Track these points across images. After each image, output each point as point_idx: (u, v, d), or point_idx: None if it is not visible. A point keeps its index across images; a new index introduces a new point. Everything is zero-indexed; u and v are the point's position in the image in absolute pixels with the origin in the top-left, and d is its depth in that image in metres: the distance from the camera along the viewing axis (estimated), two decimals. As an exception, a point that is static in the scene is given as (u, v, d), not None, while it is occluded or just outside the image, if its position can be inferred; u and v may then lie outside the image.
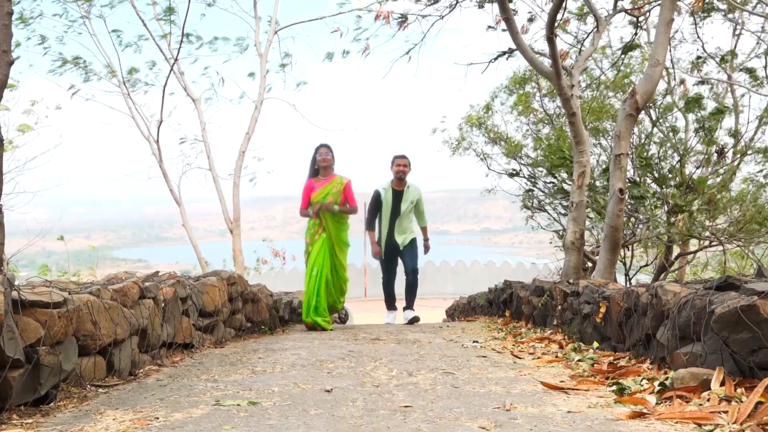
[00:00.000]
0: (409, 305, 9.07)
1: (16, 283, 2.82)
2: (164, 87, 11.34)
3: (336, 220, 7.73)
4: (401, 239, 9.02)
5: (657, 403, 2.76)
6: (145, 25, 12.09)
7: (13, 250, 9.15)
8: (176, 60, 11.66)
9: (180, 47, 11.28)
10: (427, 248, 9.61)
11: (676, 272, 10.30)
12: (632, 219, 8.56)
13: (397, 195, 9.00)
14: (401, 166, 8.90)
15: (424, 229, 9.44)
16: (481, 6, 8.85)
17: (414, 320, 8.81)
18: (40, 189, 11.47)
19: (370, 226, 9.18)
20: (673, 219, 7.91)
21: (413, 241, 9.15)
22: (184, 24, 11.51)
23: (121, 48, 12.14)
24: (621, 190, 6.05)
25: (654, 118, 9.15)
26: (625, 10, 8.29)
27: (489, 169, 11.79)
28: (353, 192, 7.91)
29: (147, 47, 11.85)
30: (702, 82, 8.61)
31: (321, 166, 7.77)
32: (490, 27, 8.90)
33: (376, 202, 9.04)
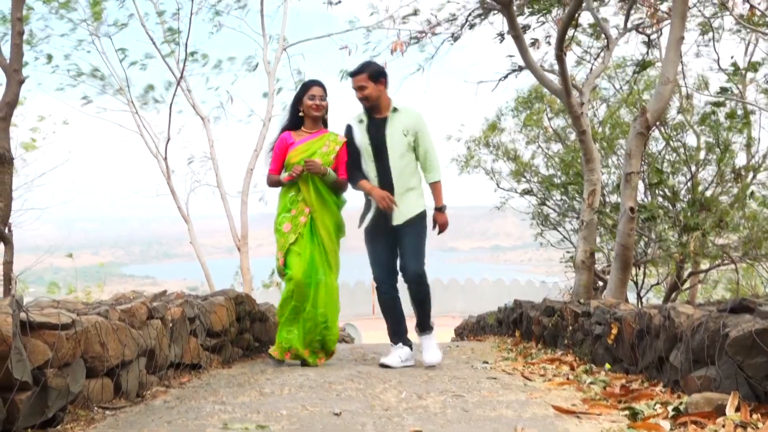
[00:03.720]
0: (421, 324, 5.50)
1: (24, 303, 2.81)
2: (171, 104, 11.41)
3: (326, 193, 5.39)
4: (399, 209, 5.30)
5: (671, 429, 2.71)
6: (153, 43, 12.17)
7: (22, 266, 9.19)
8: (181, 77, 11.73)
9: (184, 65, 11.36)
10: (442, 224, 5.54)
11: (688, 291, 10.23)
12: (643, 237, 8.51)
13: (379, 127, 5.38)
14: (356, 89, 5.38)
15: (434, 189, 5.50)
16: (490, 22, 8.85)
17: (432, 361, 5.32)
18: (49, 206, 11.53)
19: (353, 180, 5.49)
20: (685, 238, 7.86)
21: (419, 218, 5.37)
22: (186, 42, 11.59)
23: (128, 65, 12.18)
24: (632, 209, 6.02)
25: (666, 135, 9.13)
26: (636, 29, 8.28)
27: (498, 186, 11.79)
28: (345, 158, 5.46)
29: (154, 65, 11.88)
30: (718, 104, 8.57)
31: (310, 115, 5.40)
32: (498, 35, 8.73)
33: (350, 143, 5.51)
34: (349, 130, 5.49)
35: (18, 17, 4.86)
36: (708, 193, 8.91)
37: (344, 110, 5.94)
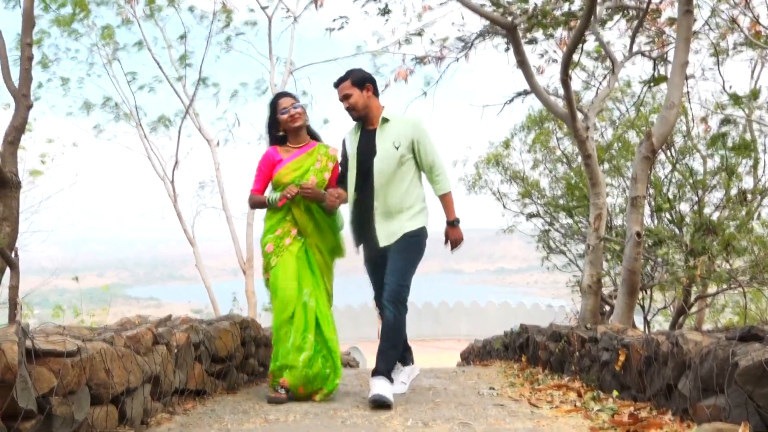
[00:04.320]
0: (378, 367, 4.54)
1: (30, 330, 2.81)
2: (179, 129, 11.50)
3: (319, 215, 4.87)
4: (385, 230, 4.69)
5: (681, 460, 2.68)
6: (160, 68, 12.29)
7: (27, 288, 9.19)
8: (191, 103, 11.82)
9: (196, 91, 11.45)
10: (455, 240, 4.84)
11: (696, 315, 10.17)
12: (650, 261, 8.48)
13: (369, 139, 4.79)
14: (341, 99, 4.84)
15: (444, 202, 4.85)
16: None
17: (378, 402, 4.25)
18: (55, 228, 11.57)
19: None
20: (691, 262, 7.83)
21: (411, 235, 4.69)
22: (201, 68, 11.68)
23: (137, 89, 12.31)
24: (638, 234, 6.00)
25: (672, 158, 9.15)
26: (641, 53, 8.32)
27: (505, 208, 11.78)
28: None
29: (162, 89, 12.02)
30: (726, 122, 8.58)
31: (290, 128, 4.88)
32: (506, 49, 8.68)
33: (343, 156, 5.05)
34: (343, 143, 5.01)
35: (27, 42, 4.91)
36: (715, 216, 8.90)
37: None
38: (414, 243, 4.69)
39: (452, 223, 4.84)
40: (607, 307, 8.85)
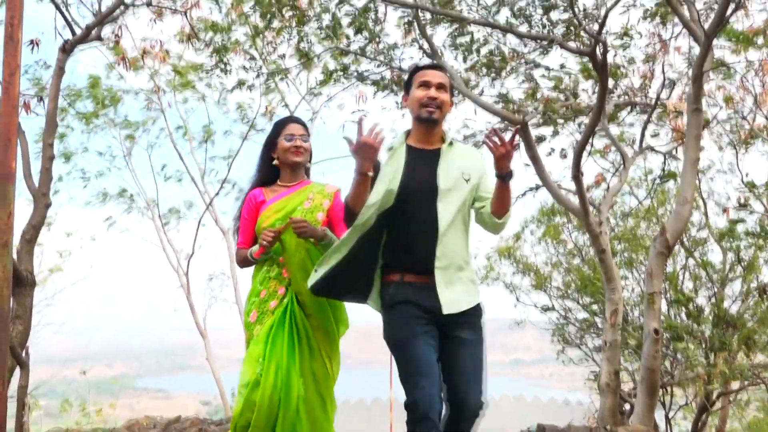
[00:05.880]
0: None
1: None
2: (198, 224, 11.63)
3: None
4: (449, 294, 3.11)
5: None
6: (182, 160, 12.53)
7: (36, 380, 9.07)
8: (213, 199, 12.01)
9: (221, 189, 11.65)
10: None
11: (719, 412, 9.86)
12: (668, 357, 8.31)
13: (426, 161, 3.25)
14: (428, 98, 3.17)
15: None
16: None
17: None
18: (67, 321, 11.55)
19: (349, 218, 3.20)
20: (712, 358, 7.66)
21: (479, 316, 3.23)
22: (230, 165, 11.90)
23: (160, 178, 12.54)
24: (656, 331, 5.91)
25: (688, 250, 9.11)
26: (651, 148, 8.43)
27: (518, 300, 11.66)
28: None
29: (184, 178, 12.28)
30: (737, 221, 8.59)
31: (289, 161, 3.61)
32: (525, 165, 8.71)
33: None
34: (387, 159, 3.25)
35: (49, 143, 5.04)
36: (734, 309, 8.77)
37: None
38: (483, 333, 3.21)
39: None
40: (627, 406, 8.60)
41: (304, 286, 3.33)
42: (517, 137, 3.12)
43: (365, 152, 3.00)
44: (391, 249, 3.16)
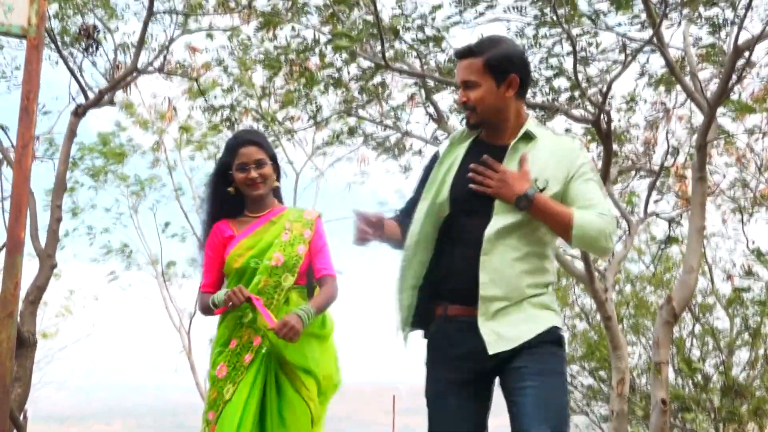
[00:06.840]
0: None
1: None
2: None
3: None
4: (496, 327, 2.32)
5: None
6: (188, 219, 12.58)
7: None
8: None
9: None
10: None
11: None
12: (676, 429, 8.15)
13: (484, 155, 2.38)
14: (461, 102, 2.47)
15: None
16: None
17: None
18: (67, 379, 11.42)
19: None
20: (721, 429, 7.52)
21: (551, 342, 2.36)
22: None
23: (164, 235, 12.55)
24: (663, 401, 5.81)
25: (695, 317, 9.04)
26: (656, 214, 8.45)
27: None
28: (326, 243, 3.08)
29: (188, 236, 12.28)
30: (743, 290, 8.55)
31: (249, 194, 3.00)
32: None
33: (425, 172, 2.59)
34: (432, 159, 2.65)
35: (57, 204, 5.08)
36: (742, 377, 8.64)
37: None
38: (559, 357, 2.42)
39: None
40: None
41: (283, 341, 2.76)
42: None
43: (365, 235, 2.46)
44: (435, 272, 2.49)
